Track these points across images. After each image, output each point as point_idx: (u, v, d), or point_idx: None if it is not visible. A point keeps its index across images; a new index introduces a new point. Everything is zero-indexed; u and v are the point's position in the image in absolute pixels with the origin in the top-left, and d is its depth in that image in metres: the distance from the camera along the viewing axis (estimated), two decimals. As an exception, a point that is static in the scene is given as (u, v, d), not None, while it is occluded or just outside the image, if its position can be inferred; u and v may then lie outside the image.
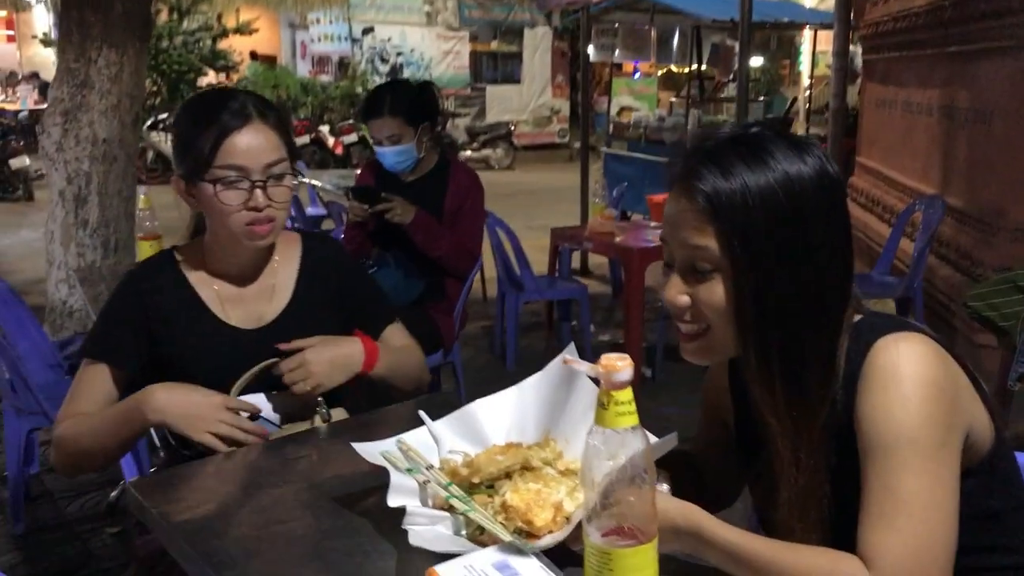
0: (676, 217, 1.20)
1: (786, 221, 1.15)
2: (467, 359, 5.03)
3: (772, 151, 1.17)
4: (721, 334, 1.20)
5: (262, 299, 1.83)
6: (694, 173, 1.18)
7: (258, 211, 1.69)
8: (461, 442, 1.44)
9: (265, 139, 1.70)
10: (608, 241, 4.86)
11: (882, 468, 1.10)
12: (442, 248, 3.48)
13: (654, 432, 4.42)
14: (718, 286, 1.17)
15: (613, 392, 1.03)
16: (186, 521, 1.35)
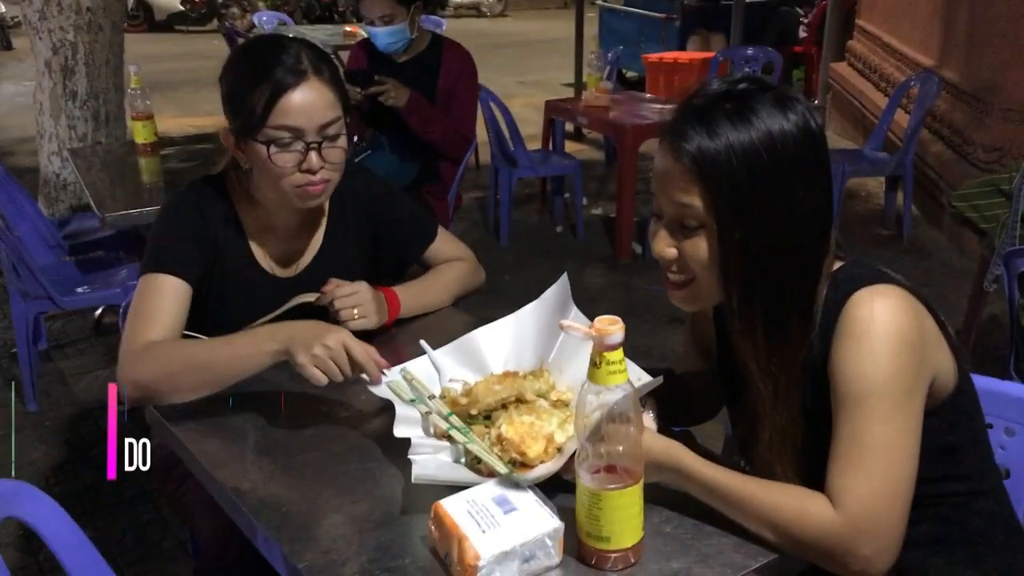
0: (664, 174, 1.25)
1: (768, 180, 1.20)
2: (460, 233, 5.06)
3: (757, 109, 1.20)
4: (706, 285, 1.27)
5: (298, 247, 1.82)
6: (681, 133, 1.22)
7: (312, 173, 1.63)
8: (461, 370, 1.52)
9: (320, 97, 1.61)
10: (603, 116, 4.83)
11: (851, 416, 1.18)
12: (436, 132, 3.47)
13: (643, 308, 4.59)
14: (703, 241, 1.23)
15: (605, 353, 1.10)
16: (206, 446, 1.44)
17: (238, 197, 1.77)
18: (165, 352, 1.54)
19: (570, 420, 1.34)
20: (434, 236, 1.97)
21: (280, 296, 1.78)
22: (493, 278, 4.55)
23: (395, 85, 3.37)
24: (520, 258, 4.86)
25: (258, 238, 1.79)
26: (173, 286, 1.62)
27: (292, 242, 1.82)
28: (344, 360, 1.43)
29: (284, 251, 1.82)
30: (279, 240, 1.81)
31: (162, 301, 1.61)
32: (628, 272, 4.63)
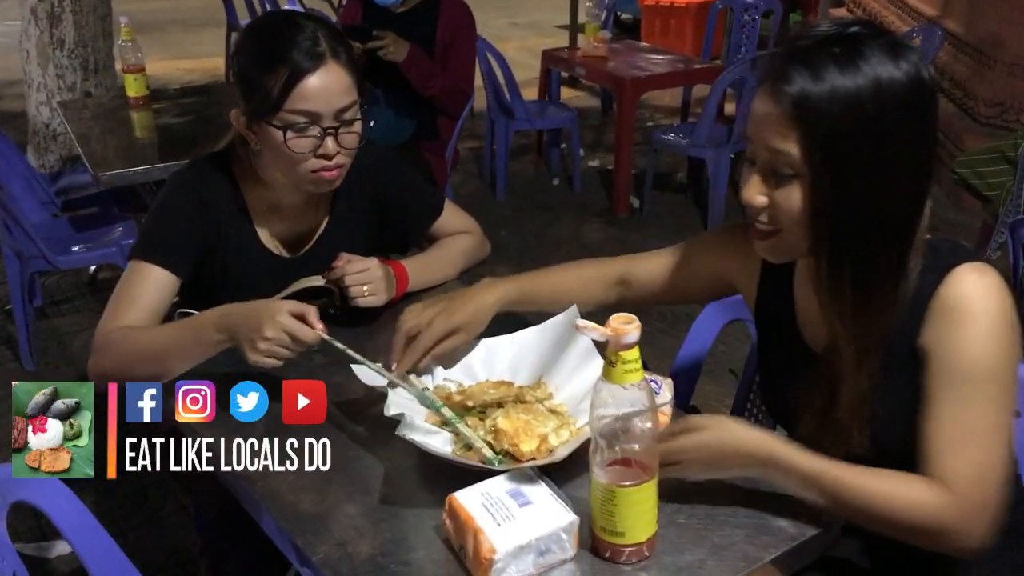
0: (761, 118, 1.18)
1: (871, 130, 1.14)
2: (456, 184, 5.05)
3: (867, 55, 1.14)
4: (794, 237, 1.22)
5: (304, 226, 1.79)
6: (783, 75, 1.15)
7: (328, 159, 1.59)
8: (455, 373, 1.51)
9: (338, 81, 1.57)
10: (600, 67, 4.77)
11: (955, 398, 1.17)
12: (435, 87, 3.41)
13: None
14: (796, 191, 1.18)
15: (621, 352, 1.09)
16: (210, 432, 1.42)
17: (243, 176, 1.73)
18: (127, 341, 1.51)
19: (566, 427, 1.34)
20: (441, 210, 1.95)
21: (287, 277, 1.75)
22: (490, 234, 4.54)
23: (395, 39, 3.29)
24: (517, 212, 4.82)
25: (263, 218, 1.75)
26: (157, 276, 1.60)
27: (298, 222, 1.79)
28: (288, 343, 1.40)
29: (290, 231, 1.79)
30: (285, 220, 1.77)
31: (143, 289, 1.59)
32: (625, 227, 4.60)
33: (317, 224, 1.81)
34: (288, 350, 1.40)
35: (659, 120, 6.44)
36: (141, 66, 3.54)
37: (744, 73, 4.23)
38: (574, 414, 1.40)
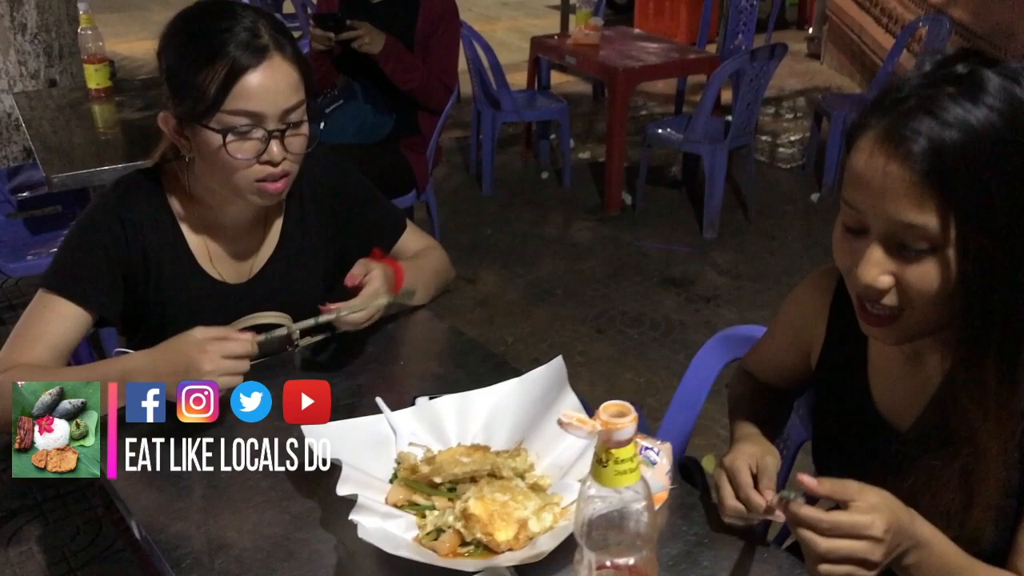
0: (879, 183, 0.95)
1: (1019, 173, 0.94)
2: (439, 178, 4.85)
3: (988, 87, 0.94)
4: (922, 316, 1.00)
5: (251, 248, 1.61)
6: (902, 126, 0.93)
7: (273, 165, 1.42)
8: (424, 435, 1.32)
9: (284, 78, 1.41)
10: (592, 57, 4.56)
11: None
12: (415, 80, 3.23)
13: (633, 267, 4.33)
14: (934, 268, 0.96)
15: (614, 450, 0.90)
16: (144, 501, 1.24)
17: (176, 193, 1.55)
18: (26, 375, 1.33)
19: (548, 508, 1.16)
20: (404, 226, 1.77)
21: (233, 306, 1.57)
22: (475, 231, 4.38)
23: (369, 29, 3.12)
24: (504, 209, 4.62)
25: (201, 241, 1.57)
26: (65, 311, 1.44)
27: (243, 242, 1.60)
28: (231, 367, 1.31)
29: (234, 253, 1.60)
30: (227, 241, 1.59)
31: (48, 325, 1.43)
32: (617, 226, 4.40)
33: (267, 245, 1.63)
34: (233, 375, 1.30)
35: (652, 108, 6.23)
36: (103, 56, 3.33)
37: (742, 65, 4.03)
38: (559, 489, 1.22)
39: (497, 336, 3.40)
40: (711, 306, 3.64)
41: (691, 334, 3.39)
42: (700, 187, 4.34)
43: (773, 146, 5.57)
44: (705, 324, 3.46)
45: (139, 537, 1.24)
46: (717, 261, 4.02)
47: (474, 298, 3.68)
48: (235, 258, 1.60)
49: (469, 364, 1.59)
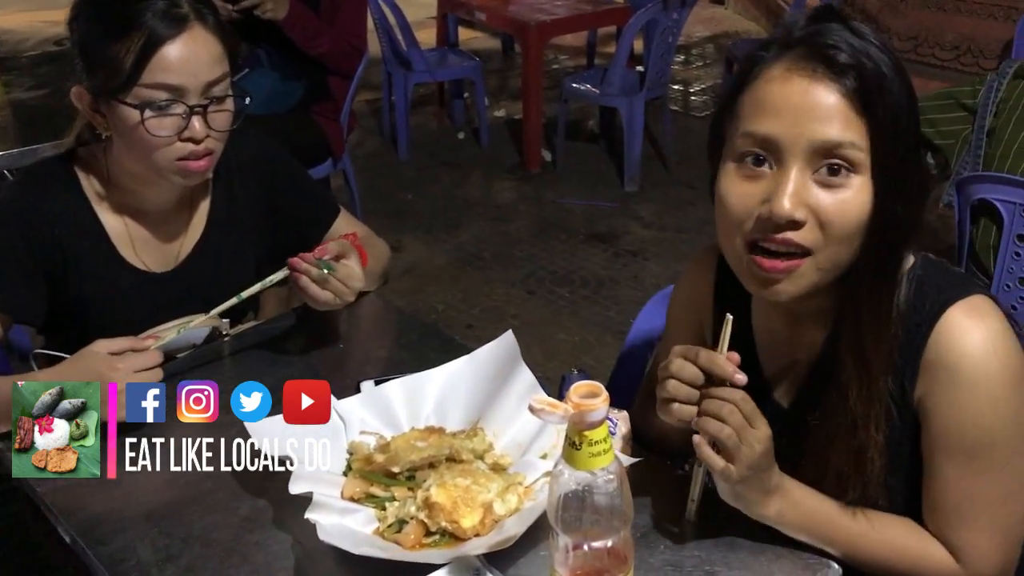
0: (805, 105, 0.94)
1: (911, 103, 0.96)
2: (354, 143, 4.71)
3: (866, 33, 0.97)
4: (830, 257, 0.97)
5: (176, 233, 1.52)
6: (830, 46, 0.94)
7: (195, 143, 1.35)
8: (375, 422, 1.26)
9: (205, 49, 1.33)
10: (501, 11, 4.47)
11: (967, 469, 1.02)
12: (323, 45, 3.10)
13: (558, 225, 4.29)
14: (853, 195, 0.94)
15: (587, 432, 0.87)
16: (81, 516, 1.17)
17: (93, 177, 1.45)
18: None
19: (512, 489, 1.12)
20: (338, 210, 1.69)
21: (160, 296, 1.49)
22: (395, 197, 4.29)
23: (272, -6, 2.96)
24: (422, 172, 4.53)
25: (122, 229, 1.48)
26: None
27: (167, 227, 1.51)
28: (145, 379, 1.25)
29: (158, 239, 1.51)
30: (151, 226, 1.50)
31: None
32: (538, 183, 4.36)
33: (193, 230, 1.54)
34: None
35: (564, 62, 6.17)
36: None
37: (655, 15, 4.00)
38: (521, 468, 1.18)
39: (427, 304, 3.34)
40: (639, 260, 3.65)
41: (621, 289, 3.39)
42: (619, 140, 4.33)
43: (686, 95, 5.59)
44: (634, 279, 3.47)
45: (76, 550, 1.17)
46: (641, 214, 4.03)
47: (400, 266, 3.61)
48: (160, 244, 1.51)
49: (412, 343, 1.53)
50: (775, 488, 1.02)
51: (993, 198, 2.16)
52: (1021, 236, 2.16)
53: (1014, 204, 2.14)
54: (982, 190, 2.17)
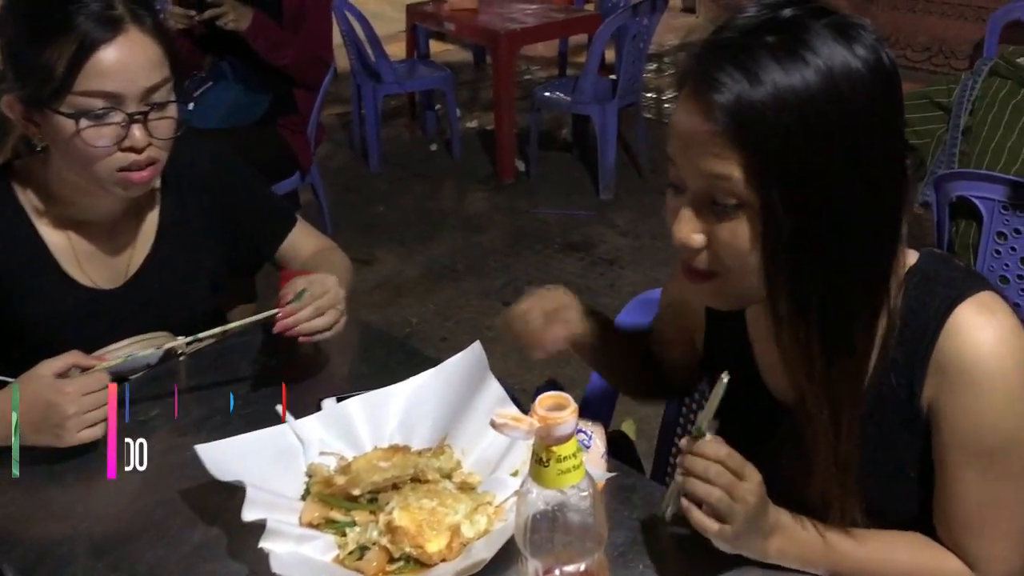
0: (687, 136, 0.91)
1: (832, 136, 0.87)
2: (323, 156, 4.65)
3: (812, 43, 0.87)
4: (739, 280, 0.95)
5: (125, 246, 1.45)
6: (710, 81, 0.88)
7: (136, 152, 1.27)
8: (335, 442, 1.19)
9: (143, 52, 1.26)
10: (471, 21, 4.43)
11: (985, 475, 0.97)
12: (287, 56, 3.05)
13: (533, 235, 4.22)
14: (743, 225, 0.91)
15: (555, 447, 0.80)
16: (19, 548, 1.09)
17: (31, 191, 1.38)
18: None
19: (482, 510, 1.06)
20: (294, 219, 1.62)
21: (110, 314, 1.41)
22: (366, 210, 4.22)
23: (233, 5, 2.93)
24: (394, 184, 4.46)
25: (66, 242, 1.40)
26: None
27: (114, 240, 1.44)
28: (95, 402, 1.21)
29: (105, 254, 1.43)
30: (96, 240, 1.42)
31: None
32: (512, 193, 4.31)
33: (142, 244, 1.47)
34: (103, 406, 1.22)
35: (536, 72, 6.13)
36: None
37: (625, 21, 3.96)
38: (490, 486, 1.12)
39: (400, 318, 3.27)
40: (615, 268, 3.59)
41: (598, 298, 3.33)
42: (592, 149, 4.28)
43: (659, 102, 5.56)
44: (611, 287, 3.41)
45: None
46: (616, 222, 3.98)
47: (372, 280, 3.53)
48: (107, 259, 1.44)
49: (377, 357, 1.47)
50: (773, 528, 0.97)
51: (972, 195, 2.12)
52: (1001, 234, 2.13)
53: (993, 201, 2.10)
54: (961, 187, 2.13)
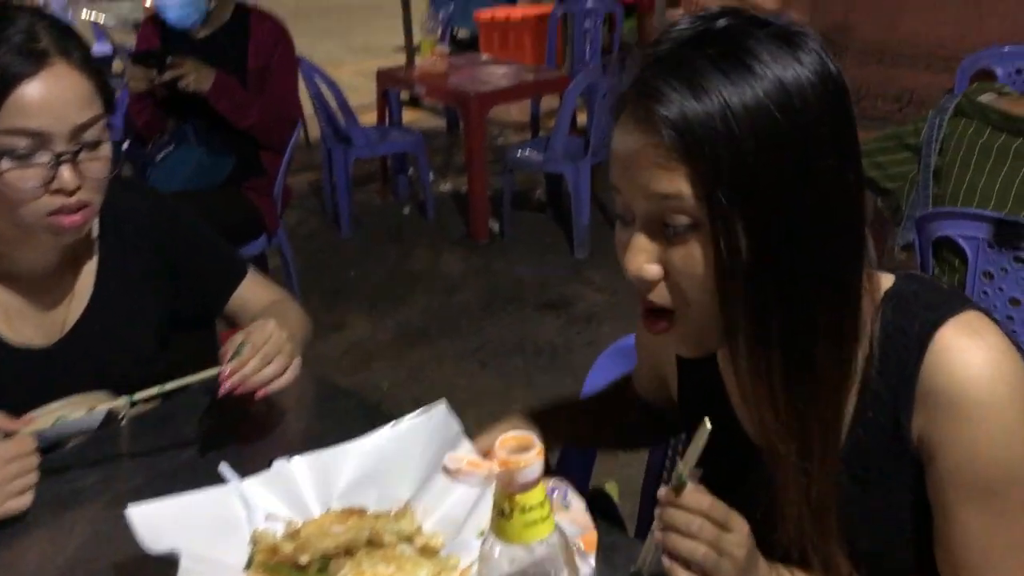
0: (632, 157, 0.84)
1: (782, 146, 0.81)
2: (294, 223, 4.58)
3: (755, 50, 0.81)
4: (700, 315, 0.87)
5: (60, 300, 1.35)
6: (652, 93, 0.81)
7: (66, 195, 1.19)
8: (281, 506, 1.08)
9: (72, 88, 1.18)
10: (442, 84, 4.41)
11: (986, 511, 0.88)
12: (252, 116, 2.98)
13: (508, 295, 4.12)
14: (696, 249, 0.84)
15: (519, 496, 0.70)
16: None
17: None
18: None
19: (444, 574, 0.95)
20: (245, 270, 1.52)
21: (44, 373, 1.31)
22: (337, 275, 4.12)
23: (195, 66, 2.86)
24: (365, 248, 4.37)
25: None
26: None
27: (48, 295, 1.34)
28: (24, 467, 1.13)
29: (38, 308, 1.33)
30: (28, 293, 1.32)
31: None
32: (487, 254, 4.23)
33: (78, 297, 1.36)
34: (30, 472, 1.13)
35: (509, 137, 6.12)
36: None
37: (595, 79, 3.95)
38: (455, 549, 1.01)
39: (371, 383, 3.15)
40: (592, 326, 3.50)
41: (576, 356, 3.23)
42: (566, 208, 4.23)
43: (632, 162, 5.55)
44: (589, 345, 3.31)
45: None
46: (593, 280, 3.90)
47: (342, 346, 3.42)
48: (40, 314, 1.33)
49: (335, 413, 1.36)
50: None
51: (956, 235, 2.06)
52: (987, 273, 2.06)
53: (978, 240, 2.04)
54: (944, 227, 2.07)
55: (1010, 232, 2.00)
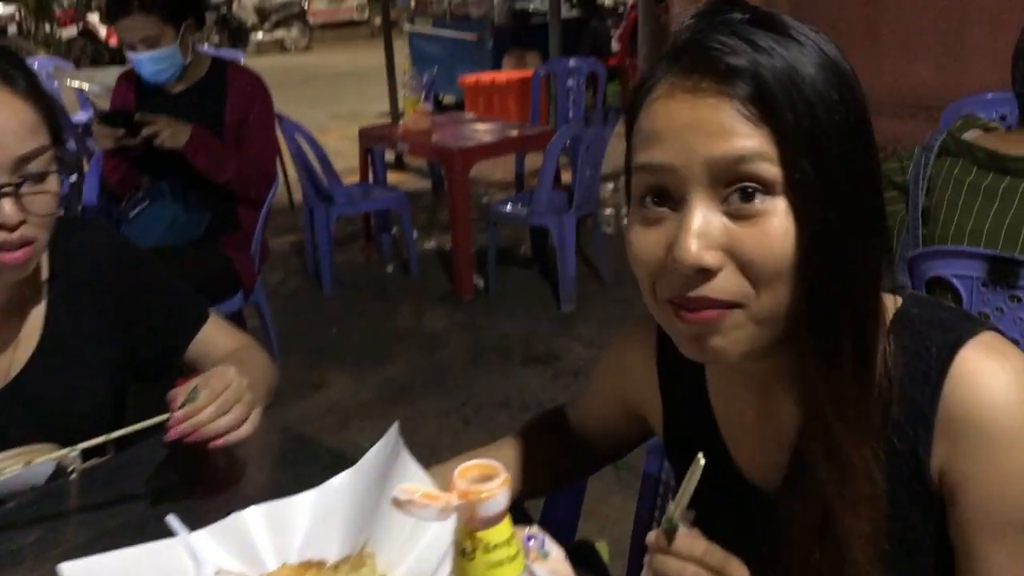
0: (696, 121, 0.75)
1: (844, 115, 0.76)
2: (276, 284, 4.50)
3: (788, 22, 0.77)
4: (765, 307, 0.76)
5: (4, 346, 1.27)
6: (720, 50, 0.75)
7: (8, 231, 1.12)
8: (234, 561, 0.99)
9: (15, 117, 1.12)
10: (425, 141, 4.38)
11: (1019, 550, 0.80)
12: (229, 171, 2.93)
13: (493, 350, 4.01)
14: (772, 221, 0.74)
15: (482, 533, 0.61)
16: None
17: None
18: None
19: None
20: (205, 316, 1.44)
21: None
22: (318, 334, 4.03)
23: (168, 123, 2.80)
24: (348, 306, 4.29)
25: None
26: None
27: None
28: None
29: None
30: None
31: None
32: (471, 310, 4.15)
33: (24, 341, 1.29)
34: None
35: (494, 194, 6.10)
36: None
37: (578, 131, 3.93)
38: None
39: (351, 442, 3.04)
40: (580, 380, 3.41)
41: (563, 412, 3.14)
42: (552, 262, 4.17)
43: (618, 218, 5.51)
44: (576, 399, 3.23)
45: None
46: (580, 333, 3.82)
47: (322, 405, 3.31)
48: None
49: (298, 463, 1.27)
50: None
51: (949, 275, 2.00)
52: (982, 314, 2.00)
53: (972, 279, 1.98)
54: (937, 266, 2.01)
55: (1005, 269, 1.94)
